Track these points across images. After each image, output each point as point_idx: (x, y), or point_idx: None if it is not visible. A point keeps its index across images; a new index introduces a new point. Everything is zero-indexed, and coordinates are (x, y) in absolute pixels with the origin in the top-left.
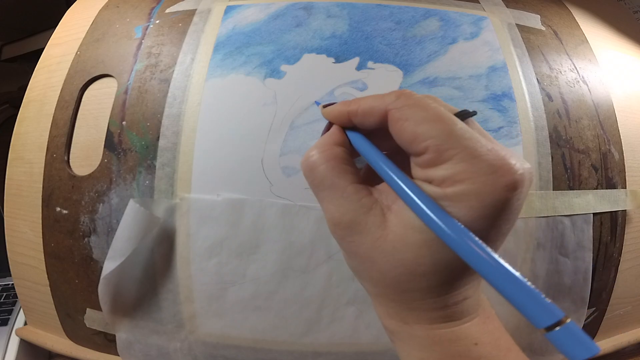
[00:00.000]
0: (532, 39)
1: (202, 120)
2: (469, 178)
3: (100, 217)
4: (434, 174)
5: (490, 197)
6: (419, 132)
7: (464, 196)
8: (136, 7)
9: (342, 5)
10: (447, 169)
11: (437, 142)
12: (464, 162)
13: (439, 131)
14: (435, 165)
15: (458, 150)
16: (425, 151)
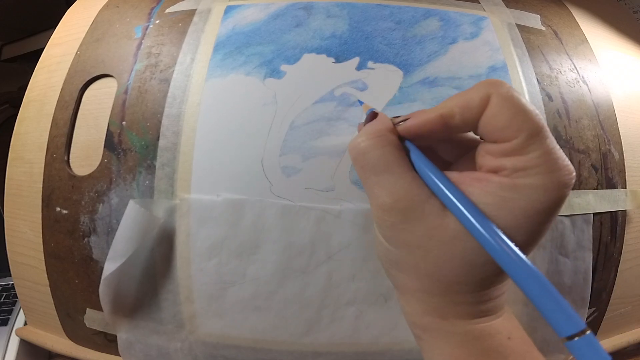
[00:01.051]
0: (532, 39)
1: (202, 120)
2: (542, 173)
3: (100, 217)
4: (510, 163)
5: (554, 193)
6: (515, 121)
7: (534, 188)
8: (136, 7)
9: (342, 5)
10: (525, 161)
11: (527, 134)
12: (541, 158)
13: (531, 125)
14: (515, 155)
15: (540, 146)
16: (512, 139)
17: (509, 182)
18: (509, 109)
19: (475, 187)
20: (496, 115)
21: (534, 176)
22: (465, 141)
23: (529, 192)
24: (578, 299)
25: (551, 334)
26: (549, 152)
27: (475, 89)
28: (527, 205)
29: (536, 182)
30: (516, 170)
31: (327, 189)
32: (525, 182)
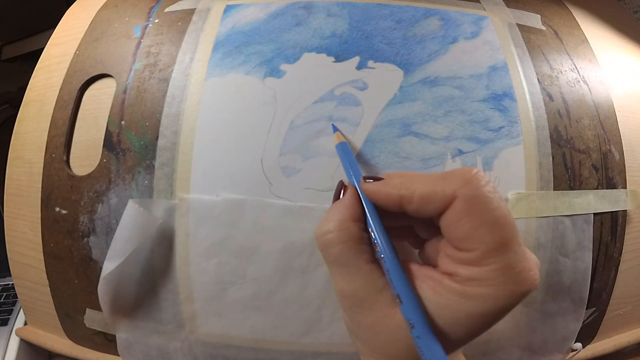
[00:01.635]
0: (532, 39)
1: (201, 120)
2: (495, 285)
3: (99, 217)
4: (464, 272)
5: (504, 301)
6: (476, 233)
7: (483, 298)
8: (135, 6)
9: (342, 5)
10: (479, 273)
11: (487, 248)
12: (499, 272)
13: (495, 239)
14: (471, 266)
15: (500, 260)
16: (472, 250)
17: (459, 289)
18: (472, 219)
19: (427, 285)
20: (456, 223)
21: (487, 287)
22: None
23: (478, 300)
24: (577, 299)
25: (550, 334)
26: (510, 266)
27: (445, 181)
28: (472, 311)
29: (487, 293)
30: (470, 279)
31: (327, 189)
32: (476, 291)
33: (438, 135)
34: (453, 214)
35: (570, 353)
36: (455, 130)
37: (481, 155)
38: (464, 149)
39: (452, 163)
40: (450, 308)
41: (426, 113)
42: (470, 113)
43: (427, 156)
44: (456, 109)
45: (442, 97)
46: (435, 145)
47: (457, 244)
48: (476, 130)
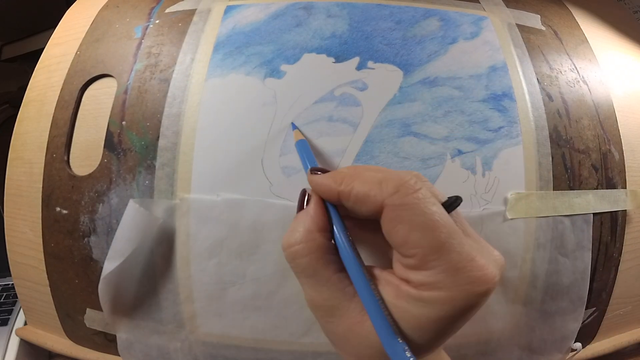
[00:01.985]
0: (532, 39)
1: (202, 120)
2: (447, 287)
3: (100, 217)
4: (414, 277)
5: (462, 302)
6: (410, 239)
7: (439, 301)
8: (136, 7)
9: (342, 5)
10: (428, 276)
11: (424, 252)
12: (445, 273)
13: (429, 241)
14: (418, 270)
15: (442, 262)
16: (411, 256)
17: (415, 294)
18: (403, 225)
19: (389, 290)
20: (391, 231)
21: (439, 290)
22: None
23: (434, 304)
24: (576, 299)
25: (549, 334)
26: (455, 266)
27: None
28: (432, 314)
29: (441, 296)
30: (422, 284)
31: None
32: (430, 295)
33: (437, 136)
34: (386, 222)
35: (570, 353)
36: (455, 131)
37: (480, 155)
38: (463, 149)
39: (452, 163)
40: (411, 312)
41: (426, 113)
42: (469, 113)
43: (426, 156)
44: (456, 109)
45: (442, 98)
46: (434, 145)
47: (398, 250)
48: (476, 130)
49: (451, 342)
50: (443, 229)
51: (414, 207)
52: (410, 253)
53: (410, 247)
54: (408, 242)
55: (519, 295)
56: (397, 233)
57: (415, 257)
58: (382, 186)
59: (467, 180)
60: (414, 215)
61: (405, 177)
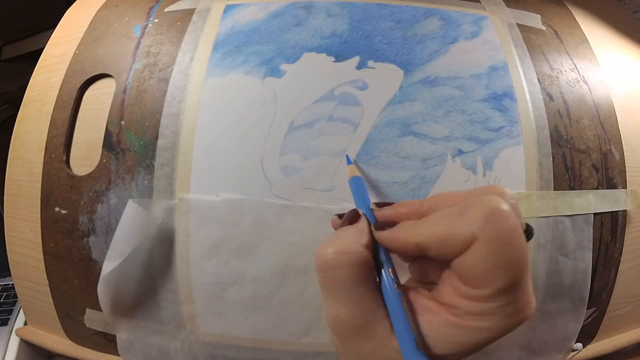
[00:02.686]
0: (532, 39)
1: (201, 120)
2: (494, 319)
3: (99, 217)
4: (466, 305)
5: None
6: (490, 275)
7: (480, 330)
8: (135, 6)
9: (342, 4)
10: (482, 308)
11: (497, 289)
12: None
13: (508, 281)
14: (475, 301)
15: (506, 299)
16: (482, 288)
17: (457, 322)
18: (491, 260)
19: (424, 317)
20: (474, 264)
21: (486, 321)
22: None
23: (475, 332)
24: (577, 299)
25: (550, 334)
26: (513, 302)
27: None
28: (468, 341)
29: (486, 325)
30: (469, 313)
31: (327, 189)
32: (474, 324)
33: (438, 135)
34: (472, 255)
35: (570, 353)
36: (456, 130)
37: (481, 155)
38: (464, 149)
39: (453, 163)
40: (445, 340)
41: (426, 113)
42: (470, 113)
43: (427, 156)
44: (456, 108)
45: (442, 97)
46: (435, 145)
47: (467, 281)
48: (476, 130)
49: None
50: (524, 266)
51: (508, 242)
52: (482, 286)
53: (486, 282)
54: (487, 277)
55: None
56: (480, 267)
57: (484, 290)
58: (467, 218)
59: (467, 180)
60: (505, 251)
61: (492, 203)
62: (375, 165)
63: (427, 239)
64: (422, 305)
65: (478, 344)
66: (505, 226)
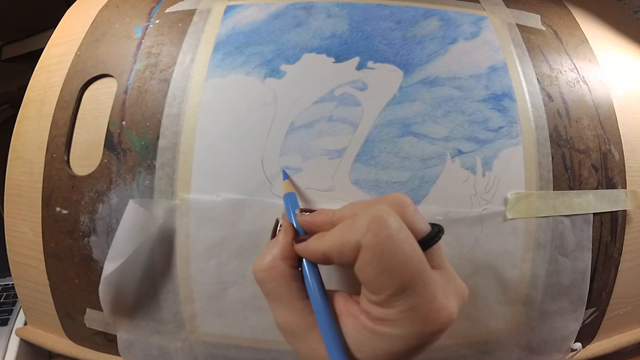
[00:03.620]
0: (532, 39)
1: (202, 120)
2: (401, 325)
3: (100, 217)
4: (374, 311)
5: (414, 340)
6: (378, 280)
7: (392, 337)
8: (136, 7)
9: (342, 5)
10: (386, 314)
11: (390, 293)
12: (403, 314)
13: (396, 285)
14: (379, 306)
15: (403, 303)
16: (377, 294)
17: (371, 327)
18: (375, 266)
19: (349, 321)
20: (362, 270)
21: (394, 327)
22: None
23: (389, 339)
24: (576, 299)
25: (549, 334)
26: (415, 307)
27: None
28: (386, 348)
29: (395, 333)
30: (379, 319)
31: (327, 189)
32: (384, 330)
33: (437, 136)
34: (360, 262)
35: (570, 353)
36: (455, 131)
37: (480, 155)
38: (463, 149)
39: (452, 163)
40: (367, 344)
41: (426, 113)
42: (469, 113)
43: (426, 156)
44: (456, 109)
45: (442, 98)
46: (434, 145)
47: (366, 287)
48: (476, 130)
49: (451, 342)
50: (412, 271)
51: (387, 248)
52: (376, 291)
53: (377, 287)
54: (376, 282)
55: (519, 295)
56: (367, 273)
57: (380, 295)
58: (354, 228)
59: (467, 180)
60: (386, 257)
61: (376, 211)
62: (375, 165)
63: (328, 248)
64: (347, 310)
65: (396, 352)
66: (384, 233)
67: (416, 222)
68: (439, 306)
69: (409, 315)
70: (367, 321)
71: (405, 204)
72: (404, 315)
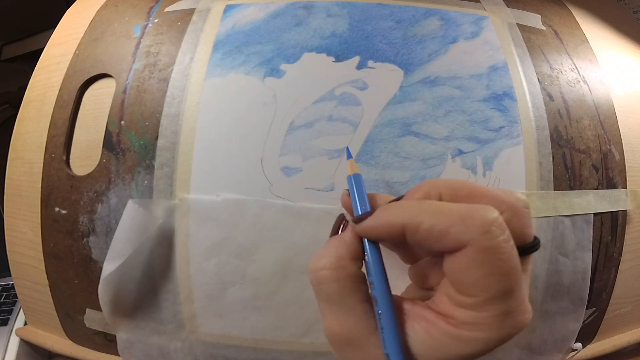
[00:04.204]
0: (532, 39)
1: (201, 120)
2: (491, 330)
3: (99, 217)
4: (461, 315)
5: (496, 343)
6: (483, 283)
7: (476, 341)
8: (135, 6)
9: (342, 4)
10: (477, 318)
11: (491, 296)
12: (496, 318)
13: (500, 289)
14: (470, 310)
15: (500, 307)
16: (474, 296)
17: (454, 332)
18: (483, 269)
19: (420, 326)
20: (465, 271)
21: (482, 331)
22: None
23: (471, 343)
24: (576, 299)
25: (549, 334)
26: (508, 312)
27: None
28: (464, 352)
29: (482, 336)
30: (466, 323)
31: (327, 189)
32: (470, 335)
33: (438, 135)
34: (463, 261)
35: (570, 353)
36: (456, 130)
37: (481, 155)
38: (464, 149)
39: (453, 163)
40: (441, 350)
41: (426, 113)
42: (470, 113)
43: (427, 156)
44: (456, 108)
45: (442, 97)
46: (435, 145)
47: (460, 288)
48: (476, 130)
49: None
50: (517, 276)
51: (500, 252)
52: (475, 294)
53: (479, 290)
54: (479, 285)
55: None
56: (472, 274)
57: (477, 298)
58: (467, 223)
59: (467, 180)
60: (497, 261)
61: (491, 216)
62: (375, 165)
63: (416, 224)
64: (419, 314)
65: (473, 354)
66: (502, 238)
67: (531, 226)
68: (527, 309)
69: (503, 319)
70: (448, 327)
71: (524, 205)
72: (496, 320)
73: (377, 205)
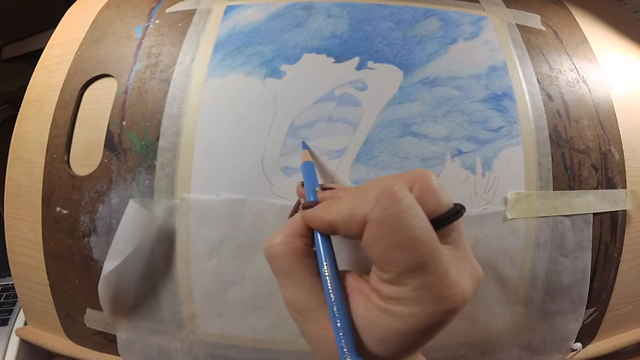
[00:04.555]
0: (532, 39)
1: (202, 120)
2: (413, 304)
3: (100, 217)
4: (384, 289)
5: (426, 319)
6: (388, 256)
7: (403, 316)
8: (136, 7)
9: (342, 5)
10: (397, 292)
11: (400, 270)
12: (415, 291)
13: (408, 262)
14: (389, 284)
15: (415, 280)
16: (387, 271)
17: (382, 306)
18: (383, 242)
19: (359, 299)
20: (370, 246)
21: (405, 306)
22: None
23: (399, 318)
24: (576, 299)
25: (549, 334)
26: (427, 285)
27: (360, 202)
28: (396, 328)
29: (406, 311)
30: (390, 297)
31: None
32: (396, 309)
33: (437, 136)
34: (367, 237)
35: (570, 353)
36: (455, 131)
37: (480, 155)
38: (463, 149)
39: (452, 163)
40: (377, 324)
41: (426, 113)
42: (469, 113)
43: (426, 156)
44: (456, 109)
45: (442, 98)
46: (434, 145)
47: (375, 264)
48: (475, 130)
49: (451, 342)
50: (422, 248)
51: (397, 223)
52: (387, 268)
53: (388, 264)
54: (387, 259)
55: (519, 295)
56: (377, 249)
57: (390, 272)
58: (363, 201)
59: (467, 180)
60: (396, 232)
61: (387, 185)
62: (374, 166)
63: (335, 218)
64: (359, 288)
65: (407, 331)
66: (394, 208)
67: (441, 195)
68: (453, 284)
69: (421, 294)
70: (377, 299)
71: (429, 176)
72: (415, 294)
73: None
